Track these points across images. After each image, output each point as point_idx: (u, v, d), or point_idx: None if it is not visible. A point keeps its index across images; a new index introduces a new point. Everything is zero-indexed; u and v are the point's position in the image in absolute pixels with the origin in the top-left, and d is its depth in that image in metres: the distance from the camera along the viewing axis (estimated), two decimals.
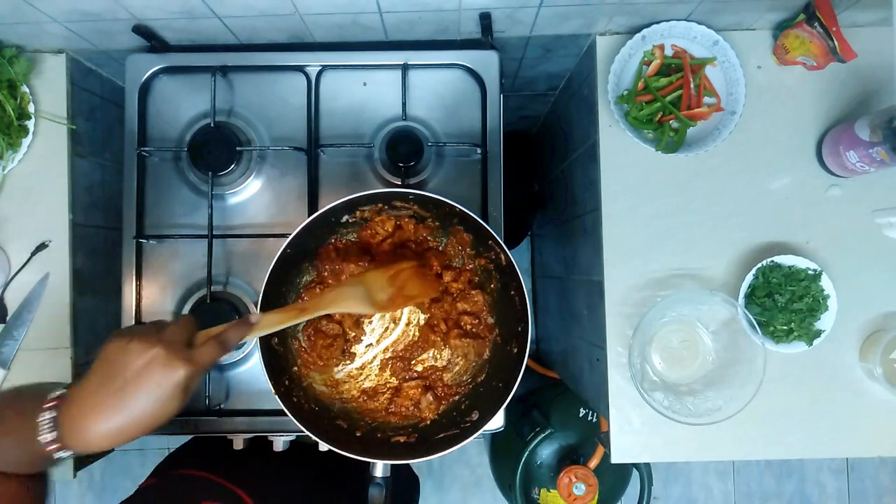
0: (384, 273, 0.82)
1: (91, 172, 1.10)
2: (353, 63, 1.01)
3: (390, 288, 0.80)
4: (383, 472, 0.86)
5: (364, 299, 0.77)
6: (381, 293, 0.79)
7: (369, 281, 0.80)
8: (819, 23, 0.90)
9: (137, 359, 0.59)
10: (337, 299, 0.76)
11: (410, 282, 0.83)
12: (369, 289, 0.79)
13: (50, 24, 0.94)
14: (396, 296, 0.80)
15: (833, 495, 2.12)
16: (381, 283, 0.80)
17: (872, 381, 0.96)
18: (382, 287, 0.80)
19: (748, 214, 0.98)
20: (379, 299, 0.79)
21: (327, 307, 0.75)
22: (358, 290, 0.77)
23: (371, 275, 0.81)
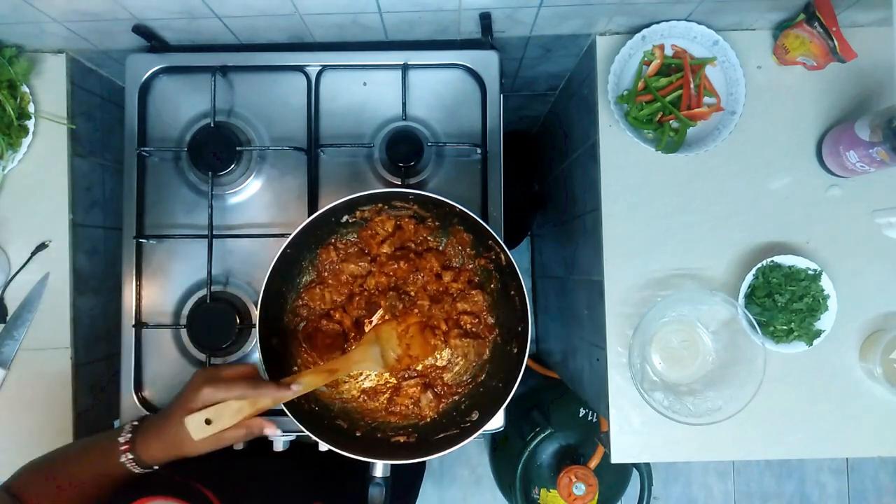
0: (396, 327, 0.90)
1: (91, 172, 1.10)
2: (353, 63, 1.01)
3: (399, 348, 0.89)
4: (383, 472, 0.86)
5: (378, 360, 0.87)
6: (392, 353, 0.89)
7: (384, 337, 0.89)
8: (819, 23, 0.90)
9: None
10: (361, 360, 0.85)
11: (415, 339, 0.91)
12: (383, 347, 0.88)
13: (50, 24, 0.94)
14: (403, 357, 0.89)
15: (833, 495, 2.12)
16: (393, 341, 0.89)
17: (872, 381, 0.96)
18: (394, 346, 0.89)
19: (748, 214, 0.98)
20: (390, 360, 0.88)
21: (354, 367, 0.85)
22: (375, 351, 0.87)
23: (386, 329, 0.90)
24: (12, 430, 1.00)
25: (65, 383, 1.01)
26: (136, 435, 0.75)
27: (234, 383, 0.72)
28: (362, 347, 0.86)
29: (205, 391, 0.71)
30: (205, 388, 0.72)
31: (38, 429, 1.00)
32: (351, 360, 0.84)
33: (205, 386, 0.72)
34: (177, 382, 0.99)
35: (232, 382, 0.72)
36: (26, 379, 1.01)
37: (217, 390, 0.72)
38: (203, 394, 0.71)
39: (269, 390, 0.74)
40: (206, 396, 0.71)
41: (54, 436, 1.00)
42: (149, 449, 0.74)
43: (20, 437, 1.00)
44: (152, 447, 0.74)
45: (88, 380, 1.05)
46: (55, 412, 1.00)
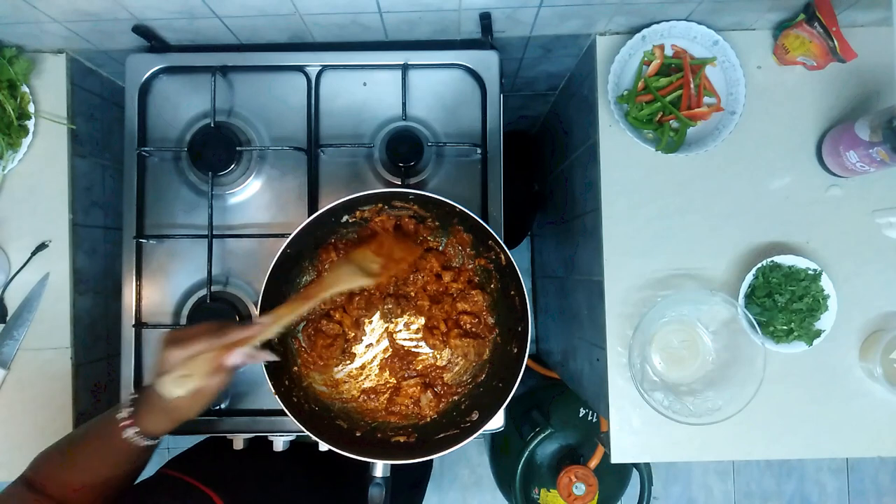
0: (367, 247, 0.86)
1: (91, 172, 1.10)
2: (353, 63, 1.01)
3: (379, 258, 0.84)
4: (383, 472, 0.86)
5: (358, 273, 0.82)
6: (373, 263, 0.84)
7: (357, 257, 0.84)
8: (819, 23, 0.90)
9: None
10: (335, 280, 0.82)
11: (395, 247, 0.87)
12: (360, 264, 0.83)
13: (50, 24, 0.94)
14: (387, 262, 0.85)
15: (833, 495, 2.12)
16: (368, 256, 0.84)
17: (872, 381, 0.96)
18: (371, 259, 0.84)
19: (748, 214, 0.98)
20: (372, 269, 0.83)
21: (328, 289, 0.80)
22: (349, 267, 0.82)
23: (355, 252, 0.86)
24: (12, 430, 1.00)
25: (65, 383, 1.01)
26: (136, 409, 0.75)
27: (196, 336, 0.72)
28: (332, 270, 0.84)
29: (171, 352, 0.71)
30: (170, 349, 0.71)
31: (38, 429, 1.00)
32: (325, 283, 0.81)
33: (169, 347, 0.71)
34: None
35: (195, 336, 0.72)
36: (26, 379, 1.01)
37: (182, 348, 0.71)
38: (170, 355, 0.71)
39: (234, 330, 0.73)
40: (173, 357, 0.71)
41: (54, 436, 0.99)
42: (150, 422, 0.75)
43: (20, 437, 1.00)
44: (152, 419, 0.74)
45: (88, 380, 1.05)
46: (55, 412, 1.00)
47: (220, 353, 0.72)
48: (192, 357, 0.71)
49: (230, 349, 0.72)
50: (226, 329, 0.73)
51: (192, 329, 0.73)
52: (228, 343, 0.72)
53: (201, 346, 0.71)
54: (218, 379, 0.73)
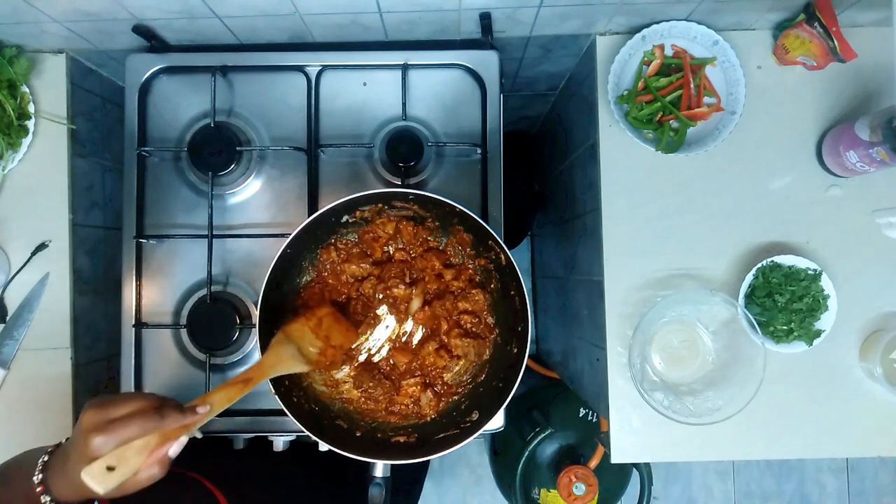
0: (306, 323, 0.84)
1: (91, 172, 1.10)
2: (353, 63, 1.01)
3: (318, 341, 0.83)
4: (383, 472, 0.86)
5: (297, 358, 0.80)
6: (312, 347, 0.82)
7: (296, 336, 0.82)
8: (819, 23, 0.90)
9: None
10: (276, 364, 0.78)
11: (333, 329, 0.86)
12: (299, 345, 0.81)
13: (50, 24, 0.94)
14: (325, 348, 0.84)
15: (833, 495, 2.12)
16: (308, 336, 0.83)
17: (872, 381, 0.96)
18: (311, 341, 0.83)
19: (748, 214, 0.98)
20: (311, 355, 0.82)
21: (269, 373, 0.76)
22: (289, 350, 0.80)
23: (295, 328, 0.83)
24: (12, 430, 1.00)
25: (65, 383, 1.01)
26: (47, 474, 0.65)
27: (127, 422, 0.61)
28: (273, 350, 0.79)
29: (95, 441, 0.59)
30: (94, 438, 0.59)
31: (38, 429, 1.00)
32: (264, 366, 0.76)
33: (93, 435, 0.60)
34: (177, 383, 0.99)
35: (125, 422, 0.61)
36: (26, 379, 1.01)
37: (109, 437, 0.60)
38: (94, 443, 0.59)
39: (174, 417, 0.63)
40: (97, 446, 0.59)
41: (54, 436, 1.00)
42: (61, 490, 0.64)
43: (20, 437, 1.00)
44: (64, 490, 0.64)
45: (88, 380, 1.05)
46: (55, 412, 1.00)
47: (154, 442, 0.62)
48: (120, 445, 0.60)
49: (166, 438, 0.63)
50: (163, 411, 0.63)
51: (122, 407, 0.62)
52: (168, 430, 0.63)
53: (133, 431, 0.61)
54: (150, 473, 0.63)
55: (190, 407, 0.66)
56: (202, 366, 0.97)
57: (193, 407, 0.66)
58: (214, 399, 0.68)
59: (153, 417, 0.62)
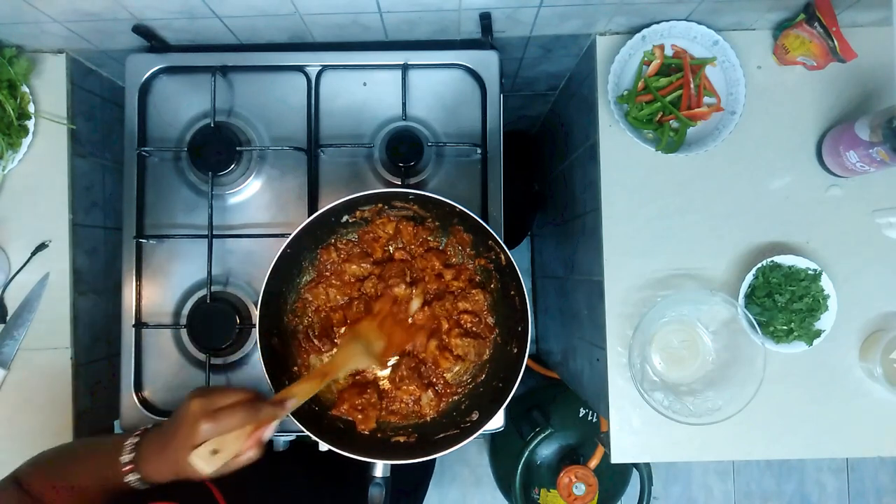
0: (372, 321, 0.89)
1: (91, 172, 1.10)
2: (353, 63, 1.01)
3: (382, 338, 0.88)
4: (383, 472, 0.86)
5: (366, 355, 0.86)
6: (377, 344, 0.88)
7: (364, 333, 0.88)
8: (819, 23, 0.90)
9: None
10: (349, 359, 0.84)
11: (395, 329, 0.90)
12: (367, 341, 0.87)
13: (50, 24, 0.94)
14: (388, 346, 0.89)
15: (833, 495, 2.12)
16: (374, 332, 0.88)
17: (872, 381, 0.96)
18: (377, 337, 0.88)
19: (748, 214, 0.98)
20: (377, 352, 0.87)
21: (343, 367, 0.83)
22: (359, 347, 0.86)
23: (363, 326, 0.89)
24: (12, 430, 1.00)
25: (65, 383, 1.01)
26: (139, 454, 0.71)
27: (232, 412, 0.68)
28: (345, 348, 0.85)
29: (203, 427, 0.66)
30: (203, 423, 0.67)
31: (38, 429, 1.00)
32: (338, 362, 0.82)
33: (202, 420, 0.67)
34: (177, 383, 0.99)
35: (230, 411, 0.68)
36: (26, 379, 1.01)
37: (216, 423, 0.67)
38: (202, 429, 0.66)
39: (268, 409, 0.70)
40: (205, 432, 0.66)
41: (54, 436, 1.00)
42: (155, 472, 0.71)
43: (20, 437, 1.00)
44: (159, 471, 0.70)
45: (88, 380, 1.05)
46: (55, 412, 1.00)
47: (251, 430, 0.69)
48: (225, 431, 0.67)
49: (261, 426, 0.70)
50: (257, 402, 0.70)
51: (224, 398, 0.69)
52: (263, 419, 0.69)
53: (235, 421, 0.67)
54: (248, 456, 0.69)
55: (279, 399, 0.73)
56: (202, 366, 0.97)
57: (282, 399, 0.73)
58: (298, 391, 0.75)
59: (252, 408, 0.69)
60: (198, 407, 0.68)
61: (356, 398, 0.90)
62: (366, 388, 0.91)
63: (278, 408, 0.72)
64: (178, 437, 0.68)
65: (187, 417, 0.68)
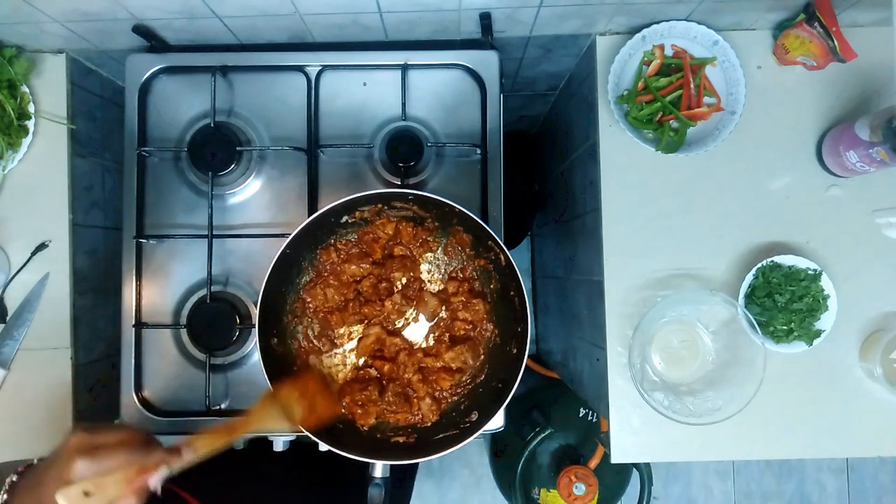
0: (294, 386, 0.84)
1: (91, 172, 1.10)
2: (353, 63, 1.01)
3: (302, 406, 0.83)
4: (383, 472, 0.86)
5: (281, 417, 0.80)
6: (296, 409, 0.82)
7: (283, 397, 0.83)
8: (819, 23, 0.90)
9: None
10: (261, 420, 0.79)
11: (317, 398, 0.86)
12: (284, 405, 0.81)
13: (50, 24, 0.94)
14: (308, 414, 0.84)
15: (833, 495, 2.12)
16: (294, 398, 0.83)
17: (872, 381, 0.96)
18: (296, 404, 0.83)
19: (748, 214, 0.98)
20: (295, 417, 0.82)
21: (254, 427, 0.78)
22: (276, 409, 0.81)
23: (283, 390, 0.84)
24: (12, 430, 1.00)
25: (65, 383, 1.01)
26: (11, 496, 0.65)
27: (113, 451, 0.62)
28: (259, 408, 0.80)
29: (79, 464, 0.60)
30: (78, 461, 0.60)
31: (38, 429, 1.00)
32: (250, 422, 0.77)
33: (78, 457, 0.60)
34: (177, 383, 0.99)
35: (112, 451, 0.62)
36: (26, 379, 1.01)
37: (93, 462, 0.61)
38: (77, 467, 0.60)
39: (158, 455, 0.64)
40: (80, 470, 0.60)
41: (54, 436, 1.00)
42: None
43: (20, 437, 1.00)
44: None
45: (88, 380, 1.05)
46: (55, 412, 1.00)
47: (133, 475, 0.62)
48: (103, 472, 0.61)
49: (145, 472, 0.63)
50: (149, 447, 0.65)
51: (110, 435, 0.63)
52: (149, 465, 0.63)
53: (117, 461, 0.62)
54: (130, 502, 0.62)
55: (175, 448, 0.66)
56: (202, 366, 0.97)
57: (178, 449, 0.66)
58: (199, 444, 0.69)
59: (139, 451, 0.63)
60: (77, 442, 0.62)
61: (357, 393, 0.90)
62: (367, 385, 0.91)
63: (171, 456, 0.65)
64: (51, 474, 0.62)
65: (63, 452, 0.62)
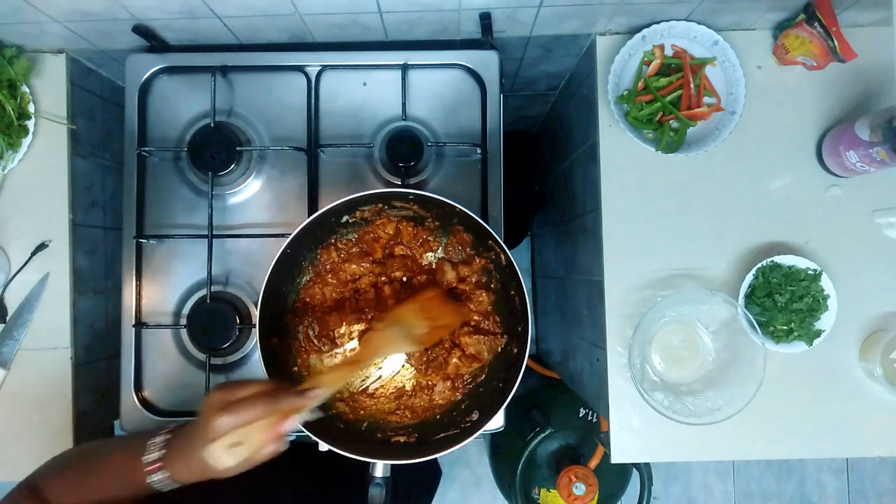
0: (412, 306, 0.83)
1: (91, 172, 1.10)
2: (353, 63, 1.01)
3: (425, 321, 0.82)
4: (383, 472, 0.86)
5: (405, 338, 0.80)
6: (418, 328, 0.81)
7: (402, 318, 0.82)
8: (819, 23, 0.90)
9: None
10: (383, 345, 0.79)
11: (440, 310, 0.85)
12: (405, 326, 0.80)
13: (50, 24, 0.94)
14: (433, 328, 0.83)
15: (833, 495, 2.12)
16: (413, 318, 0.82)
17: (872, 381, 0.96)
18: (417, 321, 0.82)
19: (748, 214, 0.98)
20: (419, 334, 0.81)
21: (376, 354, 0.78)
22: (397, 331, 0.80)
23: (402, 311, 0.83)
24: (12, 430, 1.00)
25: (65, 383, 1.01)
26: (165, 455, 0.70)
27: (252, 403, 0.65)
28: (381, 332, 0.80)
29: (222, 420, 0.64)
30: (222, 417, 0.64)
31: (38, 429, 1.00)
32: (372, 348, 0.77)
33: (221, 414, 0.64)
34: (177, 383, 0.99)
35: (250, 403, 0.65)
36: (26, 379, 1.01)
37: (236, 416, 0.64)
38: (221, 422, 0.64)
39: (290, 400, 0.68)
40: (224, 425, 0.64)
41: (54, 436, 1.00)
42: (184, 470, 0.69)
43: (20, 437, 1.00)
44: (185, 471, 0.69)
45: (88, 380, 1.05)
46: (55, 412, 1.00)
47: (275, 421, 0.66)
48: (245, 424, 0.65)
49: (285, 417, 0.66)
50: (279, 393, 0.67)
51: (243, 390, 0.67)
52: (284, 410, 0.67)
53: (256, 412, 0.65)
54: (270, 448, 0.66)
55: (304, 390, 0.69)
56: (202, 366, 0.97)
57: (307, 390, 0.69)
58: (325, 381, 0.71)
59: (272, 400, 0.66)
60: (216, 399, 0.66)
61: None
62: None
63: (302, 398, 0.68)
64: (199, 432, 0.66)
65: (206, 411, 0.66)
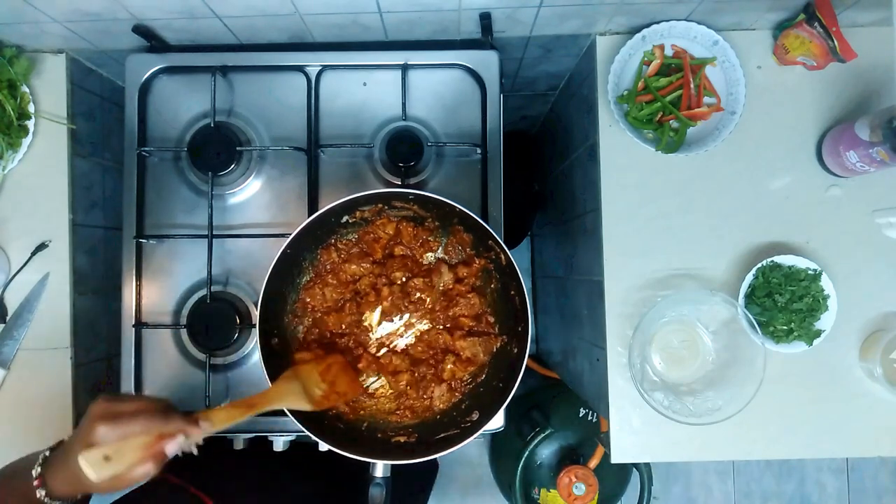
0: (316, 367, 0.86)
1: (91, 172, 1.10)
2: (353, 63, 1.01)
3: (323, 384, 0.85)
4: (383, 472, 0.86)
5: (301, 395, 0.82)
6: (316, 389, 0.84)
7: (304, 376, 0.84)
8: (819, 23, 0.90)
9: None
10: (279, 397, 0.80)
11: (339, 378, 0.87)
12: (305, 384, 0.83)
13: (50, 24, 0.94)
14: (329, 393, 0.85)
15: (833, 495, 2.12)
16: (314, 378, 0.85)
17: (872, 381, 0.96)
18: (316, 382, 0.84)
19: (748, 214, 0.98)
20: (315, 395, 0.83)
21: (270, 404, 0.78)
22: (296, 387, 0.82)
23: (305, 369, 0.85)
24: (12, 430, 1.00)
25: (65, 383, 1.01)
26: (45, 468, 0.68)
27: (133, 418, 0.64)
28: (281, 384, 0.82)
29: (100, 429, 0.63)
30: (100, 426, 0.63)
31: (38, 428, 1.00)
32: (269, 397, 0.78)
33: (100, 423, 0.63)
34: (177, 383, 0.99)
35: (131, 417, 0.64)
36: (26, 379, 1.01)
37: (114, 427, 0.63)
38: (98, 432, 0.63)
39: (176, 423, 0.66)
40: (101, 435, 0.62)
41: (54, 436, 0.99)
42: (58, 484, 0.67)
43: (20, 437, 1.00)
44: (60, 483, 0.67)
45: (88, 380, 1.05)
46: (55, 412, 1.00)
47: (153, 442, 0.64)
48: (123, 438, 0.63)
49: (167, 438, 0.65)
50: (168, 415, 0.66)
51: (130, 404, 0.66)
52: (165, 432, 0.65)
53: (134, 428, 0.63)
54: (145, 468, 0.64)
55: (193, 418, 0.68)
56: (202, 366, 0.97)
57: (196, 419, 0.68)
58: (217, 417, 0.70)
59: (158, 419, 0.65)
60: (100, 408, 0.64)
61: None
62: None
63: (189, 425, 0.67)
64: (76, 440, 0.64)
65: (88, 418, 0.64)
